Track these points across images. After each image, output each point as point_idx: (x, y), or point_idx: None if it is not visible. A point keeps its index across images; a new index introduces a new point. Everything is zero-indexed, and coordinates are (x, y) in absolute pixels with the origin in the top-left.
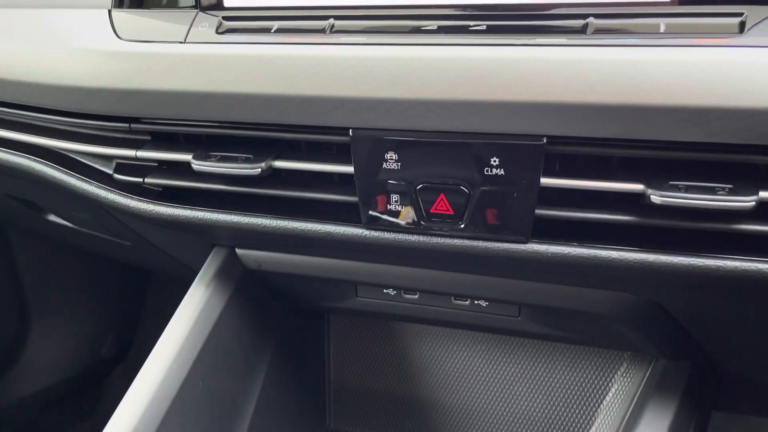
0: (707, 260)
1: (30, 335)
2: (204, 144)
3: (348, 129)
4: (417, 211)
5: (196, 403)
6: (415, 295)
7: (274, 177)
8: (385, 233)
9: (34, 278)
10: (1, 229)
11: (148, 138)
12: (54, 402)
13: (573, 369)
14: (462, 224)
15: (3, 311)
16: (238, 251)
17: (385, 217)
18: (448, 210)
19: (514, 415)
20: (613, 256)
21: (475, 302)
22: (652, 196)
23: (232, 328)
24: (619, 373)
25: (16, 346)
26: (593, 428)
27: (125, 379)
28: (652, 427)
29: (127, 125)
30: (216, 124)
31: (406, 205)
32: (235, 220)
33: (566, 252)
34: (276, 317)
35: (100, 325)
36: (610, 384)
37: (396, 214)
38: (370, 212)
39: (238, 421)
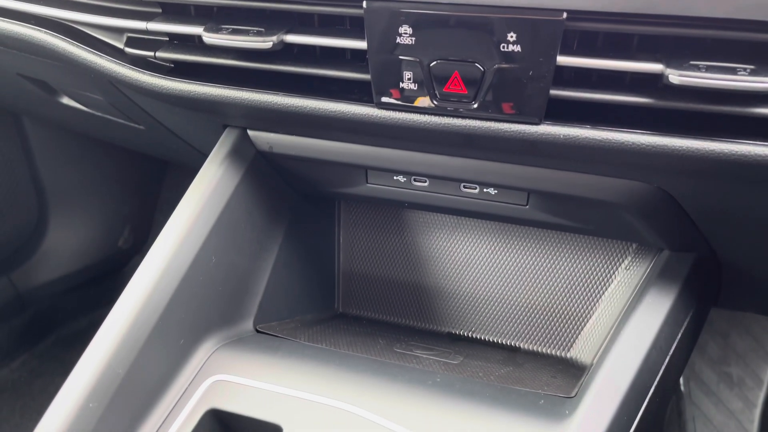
0: (721, 144)
1: (49, 224)
2: (215, 17)
3: (362, 0)
4: (430, 89)
5: (209, 276)
6: (425, 182)
7: (286, 52)
8: (397, 113)
9: (51, 168)
10: (16, 118)
11: (159, 10)
12: (75, 288)
13: (577, 260)
14: (475, 104)
15: (23, 200)
16: (250, 133)
17: (396, 95)
18: (461, 89)
19: (516, 303)
20: (626, 139)
21: (485, 190)
22: (670, 76)
23: (244, 208)
24: (623, 265)
25: (37, 234)
26: (594, 317)
27: None
28: (650, 312)
29: None
30: None
31: (419, 83)
32: (246, 97)
33: (579, 134)
34: (287, 201)
35: (117, 217)
36: (613, 276)
37: (408, 92)
38: (382, 90)
39: (249, 297)
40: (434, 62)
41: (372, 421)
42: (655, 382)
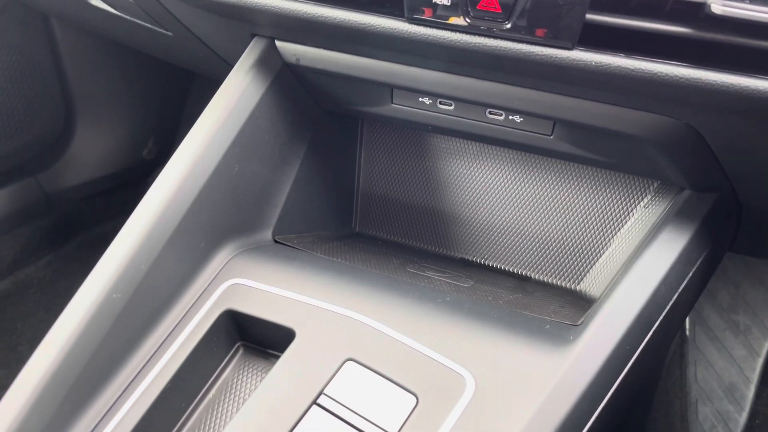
0: (757, 81)
1: (76, 130)
2: None
3: None
4: (463, 5)
5: (231, 184)
6: (451, 105)
7: None
8: (428, 29)
9: (79, 74)
10: (46, 21)
11: None
12: (99, 194)
13: (596, 195)
14: (508, 24)
15: (50, 103)
16: (278, 43)
17: (429, 10)
18: (495, 7)
19: (531, 233)
20: (659, 69)
21: (510, 117)
22: (713, 5)
23: (268, 119)
24: (642, 203)
25: (64, 139)
26: (608, 252)
27: None
28: (664, 248)
29: None
30: None
31: None
32: (276, 4)
33: (611, 62)
34: (311, 116)
35: (142, 127)
36: (631, 213)
37: (441, 7)
38: (415, 4)
39: (269, 208)
40: None
41: (381, 332)
42: (661, 317)
